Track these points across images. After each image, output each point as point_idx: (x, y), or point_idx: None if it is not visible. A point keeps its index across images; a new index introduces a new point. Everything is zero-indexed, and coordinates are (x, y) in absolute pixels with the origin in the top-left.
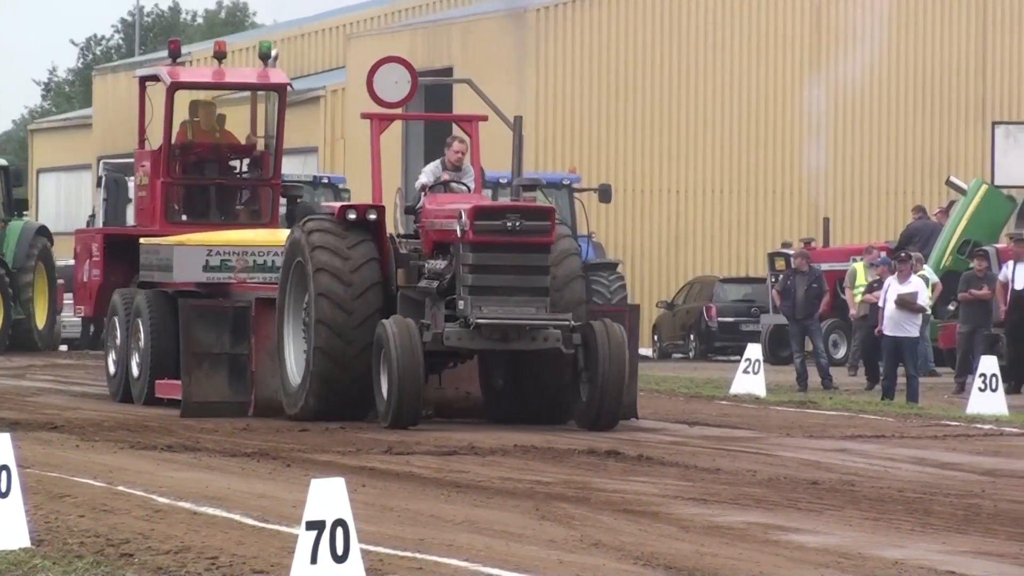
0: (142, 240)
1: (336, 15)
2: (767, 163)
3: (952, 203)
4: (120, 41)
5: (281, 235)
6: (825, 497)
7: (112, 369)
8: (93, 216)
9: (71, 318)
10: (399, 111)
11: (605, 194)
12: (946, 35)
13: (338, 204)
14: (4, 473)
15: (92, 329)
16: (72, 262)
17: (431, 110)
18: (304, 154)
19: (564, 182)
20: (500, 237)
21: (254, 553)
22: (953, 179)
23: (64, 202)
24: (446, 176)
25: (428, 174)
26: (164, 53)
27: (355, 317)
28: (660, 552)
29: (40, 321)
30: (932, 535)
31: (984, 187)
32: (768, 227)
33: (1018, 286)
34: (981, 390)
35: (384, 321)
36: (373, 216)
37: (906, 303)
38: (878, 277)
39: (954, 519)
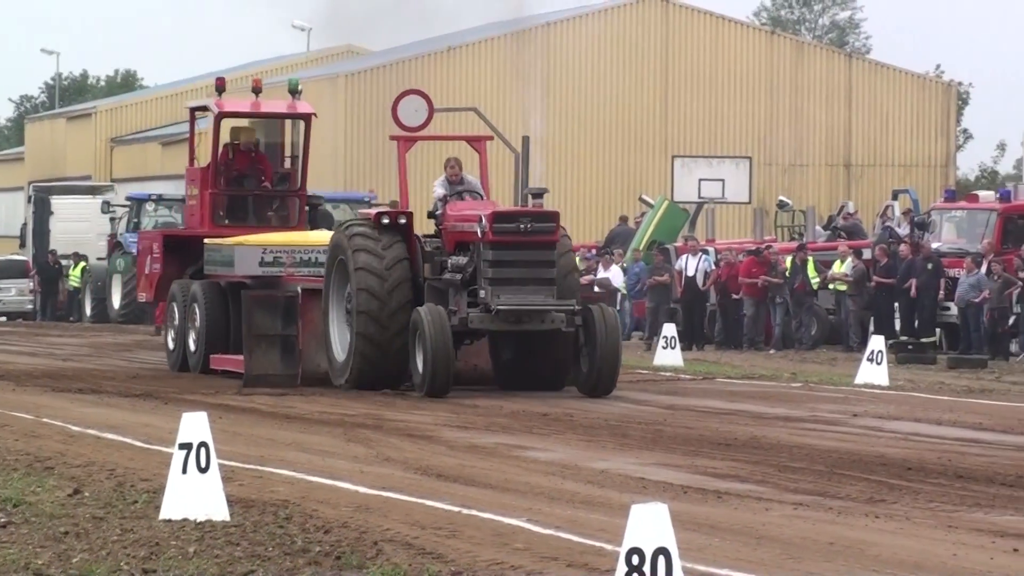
0: (207, 240)
1: (203, 79)
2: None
3: (643, 214)
4: (45, 98)
5: (314, 236)
6: (552, 425)
7: (171, 345)
8: (25, 223)
9: (13, 296)
10: (420, 133)
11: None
12: (638, 92)
13: (374, 211)
14: None
15: (39, 304)
16: (13, 257)
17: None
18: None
19: (364, 199)
20: (515, 237)
21: (141, 466)
22: (644, 196)
23: (4, 214)
24: (457, 188)
25: (440, 187)
26: (77, 106)
27: (388, 284)
28: (434, 465)
29: None
30: (628, 452)
31: (666, 202)
32: None
33: (689, 273)
34: (664, 348)
35: (419, 308)
36: (403, 220)
37: (604, 285)
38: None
39: (644, 440)
